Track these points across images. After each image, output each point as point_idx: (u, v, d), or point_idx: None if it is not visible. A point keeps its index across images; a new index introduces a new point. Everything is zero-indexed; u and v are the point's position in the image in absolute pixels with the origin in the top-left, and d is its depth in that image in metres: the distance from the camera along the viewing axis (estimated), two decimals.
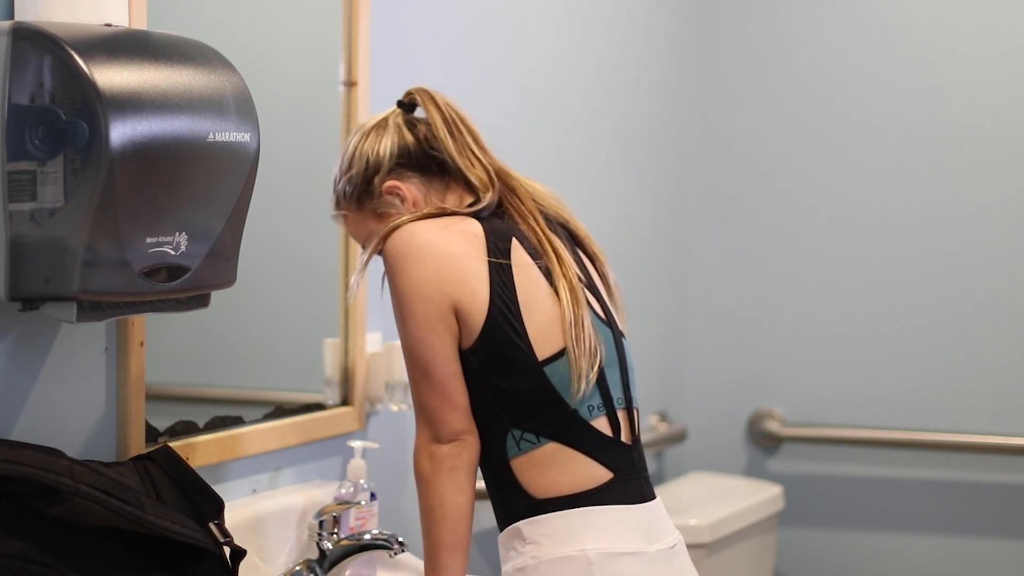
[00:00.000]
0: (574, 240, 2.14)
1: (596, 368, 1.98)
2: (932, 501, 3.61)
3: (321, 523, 2.22)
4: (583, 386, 1.95)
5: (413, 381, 1.99)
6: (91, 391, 1.98)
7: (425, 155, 2.12)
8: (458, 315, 1.96)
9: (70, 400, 1.94)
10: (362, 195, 2.12)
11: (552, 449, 1.95)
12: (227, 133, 1.83)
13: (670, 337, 3.77)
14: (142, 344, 2.03)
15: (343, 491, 2.32)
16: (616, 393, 2.02)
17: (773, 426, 3.74)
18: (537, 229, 2.04)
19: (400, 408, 2.57)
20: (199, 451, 2.13)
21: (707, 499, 3.42)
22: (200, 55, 1.84)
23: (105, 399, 2.00)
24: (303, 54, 2.48)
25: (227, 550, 1.86)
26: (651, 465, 3.68)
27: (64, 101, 1.69)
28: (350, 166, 2.13)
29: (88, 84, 1.66)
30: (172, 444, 2.09)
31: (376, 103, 2.51)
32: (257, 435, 2.28)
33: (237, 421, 2.28)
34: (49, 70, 1.69)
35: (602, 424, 1.98)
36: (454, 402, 1.97)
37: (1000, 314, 3.55)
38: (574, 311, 1.98)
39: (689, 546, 3.13)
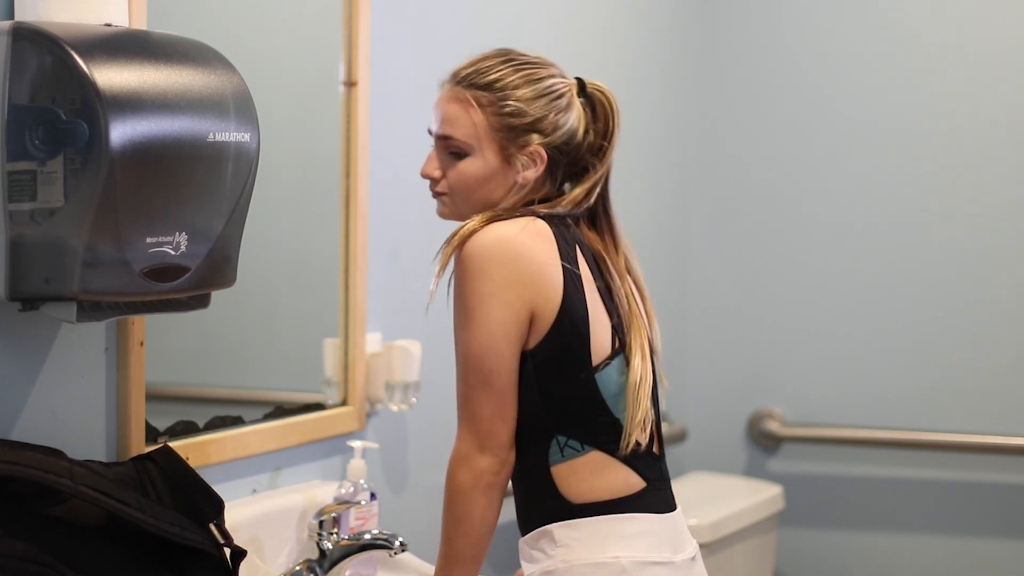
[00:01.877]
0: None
1: (648, 432, 2.00)
2: (932, 501, 3.61)
3: (321, 523, 2.22)
4: (631, 443, 1.97)
5: (468, 386, 1.94)
6: (91, 391, 1.98)
7: (573, 159, 2.06)
8: (531, 319, 1.93)
9: (70, 400, 1.94)
10: (517, 129, 2.00)
11: (594, 457, 1.95)
12: (227, 133, 1.83)
13: (670, 337, 3.76)
14: (142, 344, 2.03)
15: (343, 491, 2.32)
16: (656, 405, 2.04)
17: (773, 426, 3.74)
18: (604, 252, 2.06)
19: (400, 408, 2.57)
20: (199, 451, 2.13)
21: (707, 499, 3.42)
22: (200, 55, 1.84)
23: (105, 399, 2.00)
24: (303, 54, 2.48)
25: (227, 551, 1.86)
26: None
27: (64, 101, 1.69)
28: (534, 100, 2.01)
29: (88, 84, 1.66)
30: (172, 444, 2.09)
31: (376, 103, 2.51)
32: (257, 435, 2.28)
33: (237, 421, 2.28)
34: (49, 70, 1.69)
35: (642, 435, 1.99)
36: (508, 414, 1.94)
37: (1000, 314, 3.55)
38: (641, 380, 1.99)
39: None
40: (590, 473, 1.95)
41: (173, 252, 1.79)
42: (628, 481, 1.96)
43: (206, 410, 2.25)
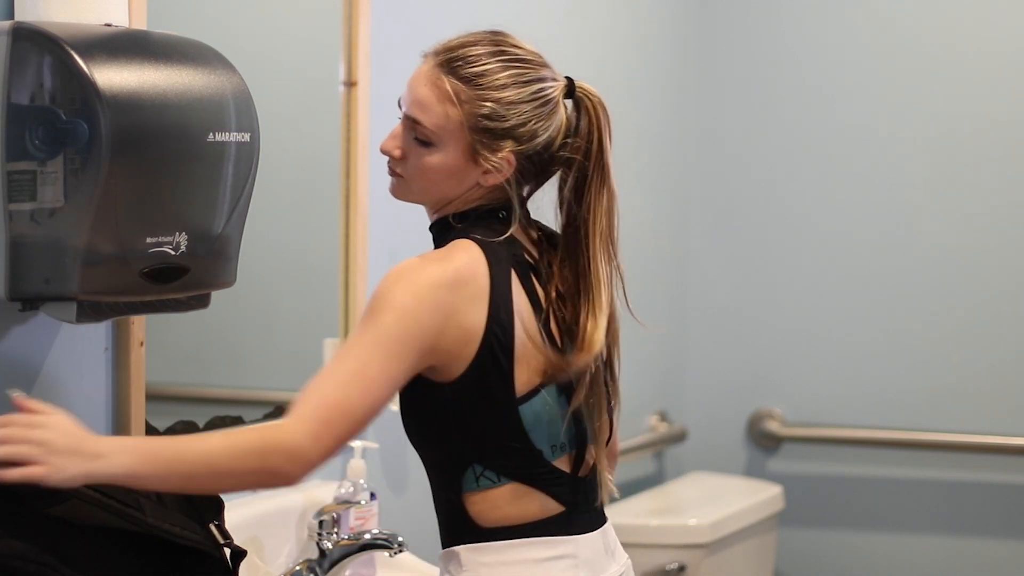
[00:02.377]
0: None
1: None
2: (932, 501, 3.61)
3: (321, 523, 2.22)
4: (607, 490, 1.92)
5: (340, 371, 1.73)
6: (91, 391, 1.98)
7: (544, 169, 1.88)
8: (445, 351, 1.77)
9: (70, 400, 1.94)
10: (491, 132, 1.83)
11: (510, 488, 1.82)
12: (227, 133, 1.83)
13: (670, 337, 3.77)
14: (142, 344, 2.03)
15: (343, 491, 2.32)
16: (591, 427, 1.88)
17: (773, 426, 3.73)
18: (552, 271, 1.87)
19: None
20: None
21: (707, 499, 3.42)
22: (200, 55, 1.85)
23: (105, 399, 2.00)
24: (303, 54, 2.48)
25: (227, 551, 1.86)
26: (651, 465, 3.70)
27: (64, 101, 1.69)
28: (516, 104, 1.84)
29: (88, 84, 1.66)
30: None
31: (376, 103, 2.51)
32: None
33: (237, 421, 2.28)
34: (49, 70, 1.69)
35: (563, 462, 1.86)
36: (367, 422, 1.75)
37: (1000, 314, 3.55)
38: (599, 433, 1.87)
39: (689, 546, 3.16)
40: (504, 503, 1.83)
41: (173, 252, 1.79)
42: (545, 506, 1.84)
43: (206, 410, 2.25)
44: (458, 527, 1.84)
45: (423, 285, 1.75)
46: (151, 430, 2.06)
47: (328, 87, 2.47)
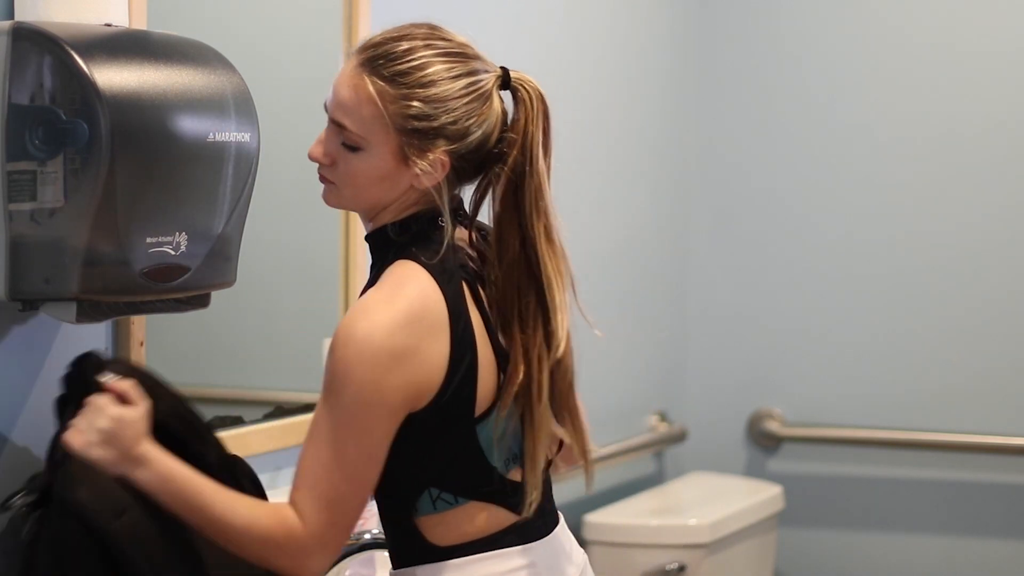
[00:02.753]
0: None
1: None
2: (932, 501, 3.61)
3: None
4: (534, 498, 1.80)
5: (320, 463, 1.71)
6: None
7: (479, 166, 1.80)
8: (415, 393, 1.72)
9: None
10: (421, 132, 1.73)
11: (467, 508, 1.78)
12: (227, 133, 1.83)
13: (670, 337, 3.77)
14: (142, 344, 2.03)
15: None
16: (532, 431, 1.81)
17: (773, 426, 3.73)
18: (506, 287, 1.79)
19: None
20: None
21: (707, 499, 3.42)
22: (200, 55, 1.85)
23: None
24: (303, 54, 2.48)
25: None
26: (651, 465, 3.70)
27: (64, 101, 1.69)
28: (444, 102, 1.74)
29: (88, 84, 1.66)
30: None
31: None
32: (257, 435, 2.28)
33: (237, 421, 2.28)
34: (49, 70, 1.69)
35: (516, 473, 1.81)
36: (363, 502, 1.74)
37: (1000, 314, 3.55)
38: (537, 447, 1.80)
39: (689, 546, 3.16)
40: (459, 522, 1.78)
41: (173, 252, 1.79)
42: (498, 518, 1.80)
43: (206, 410, 2.24)
44: (412, 549, 1.80)
45: (376, 344, 1.68)
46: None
47: (328, 87, 2.47)
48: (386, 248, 1.80)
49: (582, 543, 3.15)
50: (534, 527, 1.84)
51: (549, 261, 1.79)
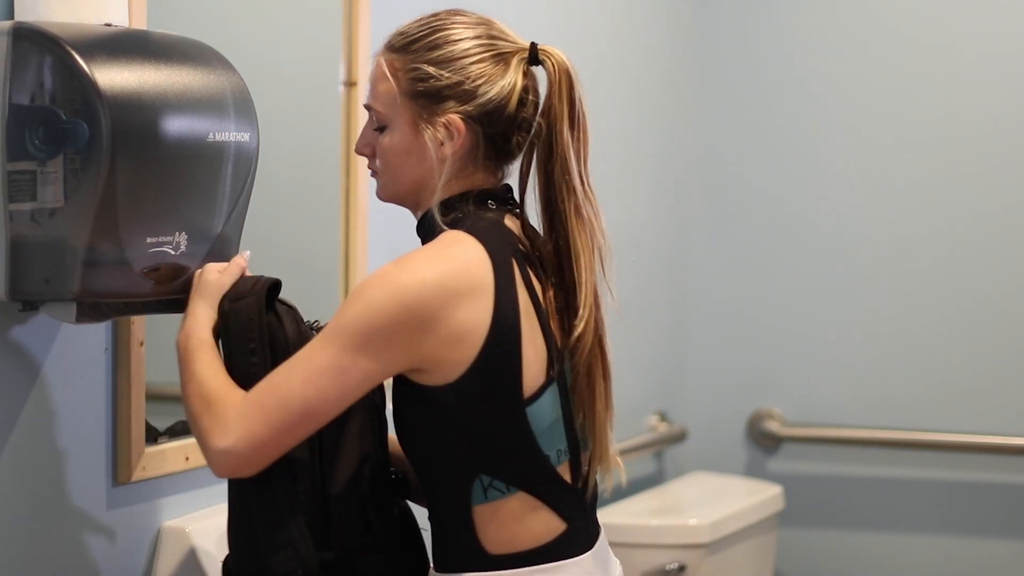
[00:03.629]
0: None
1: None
2: (932, 501, 3.61)
3: None
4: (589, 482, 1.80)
5: (292, 359, 1.71)
6: (91, 391, 1.98)
7: (505, 135, 1.79)
8: (430, 353, 1.70)
9: (70, 400, 1.94)
10: (428, 95, 1.76)
11: (519, 500, 1.74)
12: (227, 133, 1.83)
13: (670, 337, 3.77)
14: (142, 344, 2.03)
15: None
16: (584, 434, 1.81)
17: (773, 426, 3.74)
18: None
19: None
20: (199, 451, 2.13)
21: (707, 499, 3.42)
22: (200, 55, 1.85)
23: (105, 399, 2.00)
24: (303, 54, 2.48)
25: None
26: (651, 465, 3.70)
27: (64, 101, 1.69)
28: (447, 63, 1.76)
29: (88, 84, 1.66)
30: (172, 444, 2.10)
31: None
32: None
33: None
34: (49, 70, 1.69)
35: (564, 470, 1.78)
36: (310, 413, 1.69)
37: (1000, 314, 3.55)
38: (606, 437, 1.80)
39: (689, 546, 3.16)
40: (512, 519, 1.74)
41: (173, 252, 1.79)
42: (550, 525, 1.76)
43: None
44: (464, 553, 1.76)
45: (403, 283, 1.68)
46: (151, 430, 2.06)
47: (328, 87, 2.47)
48: (433, 229, 1.78)
49: None
50: (580, 537, 1.80)
51: (578, 236, 1.80)
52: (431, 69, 1.76)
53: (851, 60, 3.67)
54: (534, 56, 1.81)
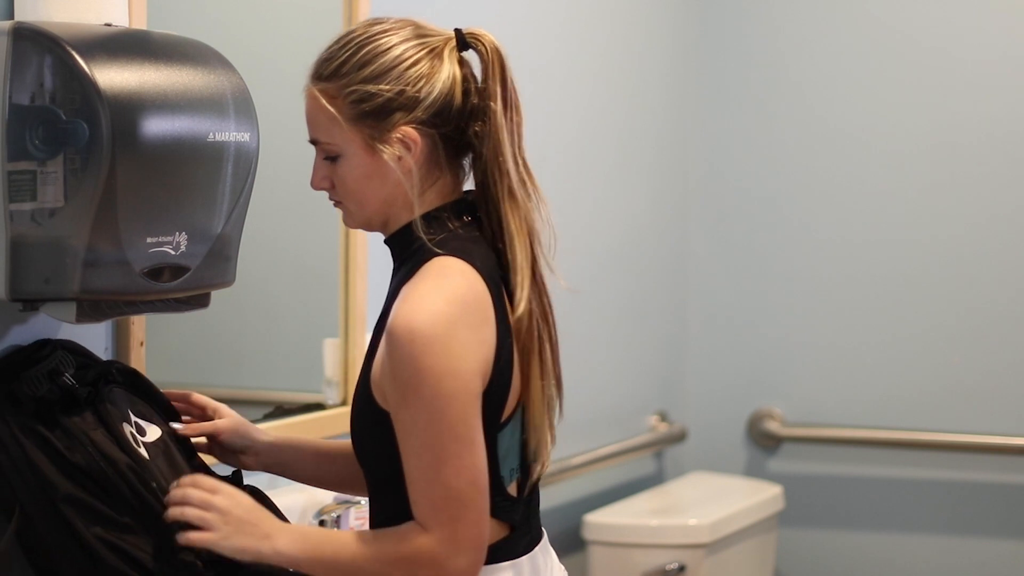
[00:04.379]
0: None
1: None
2: (932, 501, 3.61)
3: (321, 522, 2.22)
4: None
5: (424, 467, 1.66)
6: None
7: (458, 129, 1.76)
8: (484, 371, 1.69)
9: None
10: (371, 115, 1.72)
11: None
12: (227, 133, 1.83)
13: (670, 337, 3.77)
14: (142, 344, 2.03)
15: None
16: (537, 444, 1.79)
17: (773, 426, 3.73)
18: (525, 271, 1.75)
19: None
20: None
21: (707, 499, 3.42)
22: (200, 55, 1.85)
23: None
24: (303, 54, 2.47)
25: None
26: (651, 465, 3.70)
27: (64, 101, 1.69)
28: (383, 76, 1.72)
29: (88, 84, 1.66)
30: None
31: None
32: None
33: None
34: (49, 70, 1.69)
35: (512, 487, 1.77)
36: (482, 494, 1.67)
37: (1000, 314, 3.55)
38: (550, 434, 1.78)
39: (689, 546, 3.16)
40: None
41: (173, 252, 1.79)
42: (492, 533, 1.73)
43: None
44: None
45: (440, 331, 1.64)
46: None
47: None
48: (411, 246, 1.75)
49: (582, 543, 3.17)
50: (522, 542, 1.80)
51: (511, 219, 1.75)
52: (369, 87, 1.71)
53: (850, 64, 3.67)
54: (463, 42, 1.78)
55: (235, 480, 1.88)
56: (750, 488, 3.55)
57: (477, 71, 1.78)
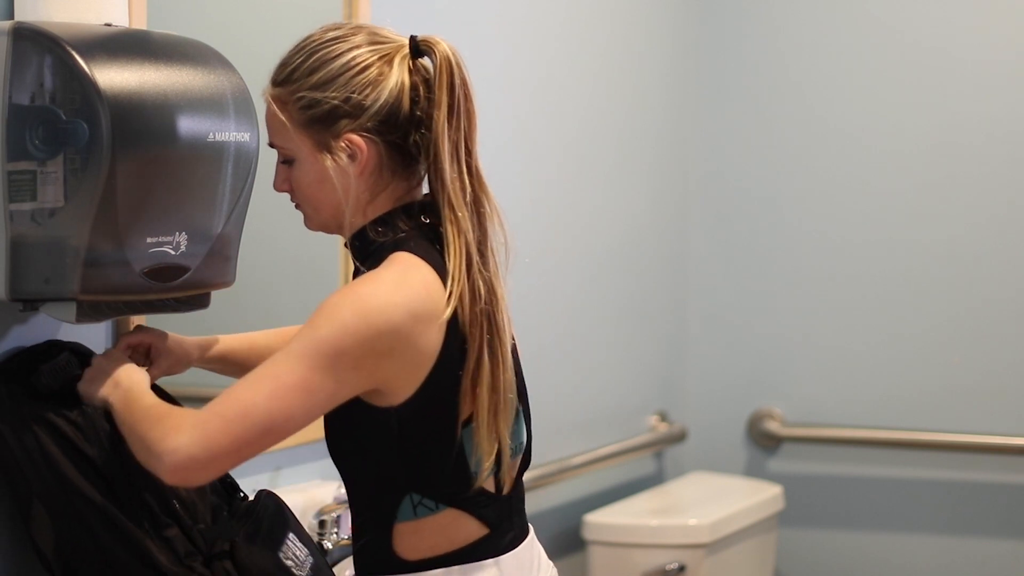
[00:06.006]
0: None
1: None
2: (932, 501, 3.61)
3: (321, 523, 2.22)
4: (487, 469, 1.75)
5: (258, 373, 1.66)
6: None
7: (405, 136, 1.76)
8: (392, 376, 1.69)
9: None
10: (320, 120, 1.74)
11: (446, 515, 1.74)
12: (227, 133, 1.83)
13: (670, 337, 3.77)
14: None
15: (343, 491, 2.32)
16: (514, 442, 1.79)
17: (773, 426, 3.74)
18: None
19: None
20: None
21: (707, 499, 3.42)
22: (200, 55, 1.85)
23: None
24: None
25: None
26: (651, 465, 3.70)
27: (64, 101, 1.69)
28: (330, 83, 1.74)
29: (88, 84, 1.66)
30: None
31: None
32: None
33: None
34: (49, 70, 1.69)
35: (489, 483, 1.77)
36: (274, 430, 1.65)
37: (1000, 315, 3.55)
38: (504, 414, 1.74)
39: (689, 546, 3.16)
40: (436, 531, 1.74)
41: (173, 252, 1.79)
42: (470, 531, 1.76)
43: None
44: (379, 560, 1.76)
45: (374, 307, 1.65)
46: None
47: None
48: (367, 248, 1.77)
49: (582, 543, 3.17)
50: (503, 540, 1.80)
51: (450, 226, 1.74)
52: (316, 94, 1.73)
53: (850, 64, 3.67)
54: (416, 49, 1.77)
55: (230, 489, 1.90)
56: (750, 488, 3.55)
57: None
